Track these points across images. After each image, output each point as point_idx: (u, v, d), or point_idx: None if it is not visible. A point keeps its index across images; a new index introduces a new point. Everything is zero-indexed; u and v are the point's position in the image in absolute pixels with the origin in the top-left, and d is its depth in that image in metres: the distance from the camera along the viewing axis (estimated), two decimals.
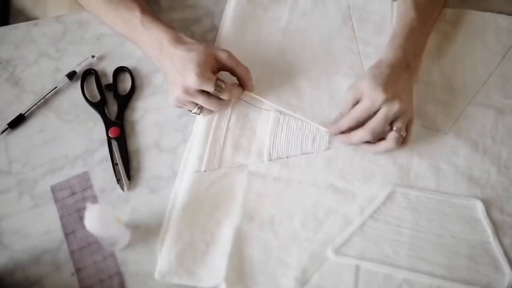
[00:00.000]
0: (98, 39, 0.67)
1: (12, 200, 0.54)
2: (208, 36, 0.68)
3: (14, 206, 0.53)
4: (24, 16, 0.77)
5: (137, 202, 0.54)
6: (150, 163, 0.57)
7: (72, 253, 0.51)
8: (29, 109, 0.59)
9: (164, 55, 0.55)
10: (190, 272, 0.50)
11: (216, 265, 0.50)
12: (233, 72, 0.57)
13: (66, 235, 0.52)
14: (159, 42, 0.56)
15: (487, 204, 0.53)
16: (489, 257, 0.50)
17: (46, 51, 0.65)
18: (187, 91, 0.53)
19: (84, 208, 0.52)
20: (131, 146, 0.58)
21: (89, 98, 0.61)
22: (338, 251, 0.51)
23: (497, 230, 0.52)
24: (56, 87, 0.61)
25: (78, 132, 0.59)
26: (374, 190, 0.55)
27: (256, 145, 0.58)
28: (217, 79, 0.54)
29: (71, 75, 0.62)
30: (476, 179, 0.55)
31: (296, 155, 0.57)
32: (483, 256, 0.50)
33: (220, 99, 0.56)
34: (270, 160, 0.57)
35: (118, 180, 0.55)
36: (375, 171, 0.56)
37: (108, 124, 0.59)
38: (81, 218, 0.52)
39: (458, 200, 0.54)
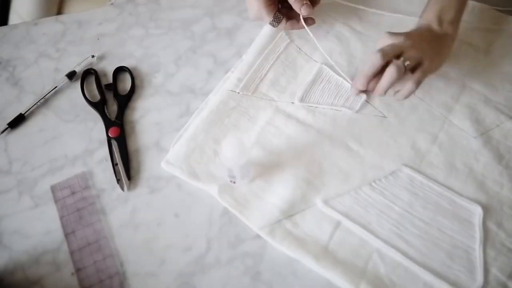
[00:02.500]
0: (98, 39, 0.67)
1: (12, 200, 0.54)
2: (208, 36, 0.68)
3: (14, 206, 0.53)
4: None
5: (137, 202, 0.54)
6: (150, 163, 0.57)
7: (72, 253, 0.51)
8: (29, 109, 0.59)
9: None
10: (192, 171, 0.55)
11: (216, 173, 0.55)
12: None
13: (66, 235, 0.52)
14: None
15: (486, 213, 0.53)
16: (467, 261, 0.50)
17: (46, 51, 0.65)
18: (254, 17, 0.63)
19: (83, 208, 0.53)
20: (131, 146, 0.58)
21: (89, 98, 0.61)
22: (326, 202, 0.53)
23: (486, 240, 0.52)
24: (56, 87, 0.61)
25: (78, 132, 0.59)
26: (383, 163, 0.57)
27: (292, 88, 0.62)
28: (277, 11, 0.60)
29: (71, 75, 0.62)
30: (487, 188, 0.55)
31: (325, 107, 0.60)
32: (462, 258, 0.51)
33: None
34: (301, 102, 0.60)
35: (118, 180, 0.55)
36: (392, 146, 0.58)
37: (108, 124, 0.59)
38: (81, 218, 0.52)
39: (460, 200, 0.54)
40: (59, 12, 0.85)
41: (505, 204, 0.54)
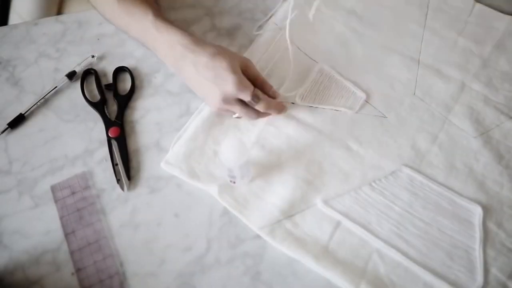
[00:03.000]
0: (98, 39, 0.67)
1: (12, 200, 0.54)
2: (208, 36, 0.68)
3: (14, 206, 0.53)
4: None
5: (137, 202, 0.54)
6: (150, 163, 0.57)
7: (72, 253, 0.51)
8: (29, 109, 0.59)
9: (182, 62, 0.53)
10: (192, 171, 0.55)
11: (216, 173, 0.55)
12: (255, 81, 0.55)
13: (66, 235, 0.52)
14: (172, 47, 0.53)
15: (486, 213, 0.53)
16: (467, 261, 0.50)
17: (46, 51, 0.65)
18: (226, 100, 0.52)
19: (83, 208, 0.53)
20: (131, 146, 0.58)
21: (89, 98, 0.61)
22: (326, 202, 0.54)
23: (486, 240, 0.52)
24: (56, 87, 0.61)
25: (78, 132, 0.59)
26: (383, 163, 0.57)
27: (292, 88, 0.61)
28: (254, 88, 0.52)
29: (71, 75, 0.62)
30: (487, 188, 0.55)
31: (325, 107, 0.60)
32: (462, 258, 0.51)
33: (256, 110, 0.54)
34: (302, 102, 0.60)
35: (118, 180, 0.55)
36: (392, 146, 0.58)
37: (108, 124, 0.59)
38: (81, 218, 0.52)
39: (460, 200, 0.54)
40: (59, 12, 0.85)
41: (505, 204, 0.54)
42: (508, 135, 0.59)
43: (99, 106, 0.60)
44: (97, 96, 0.61)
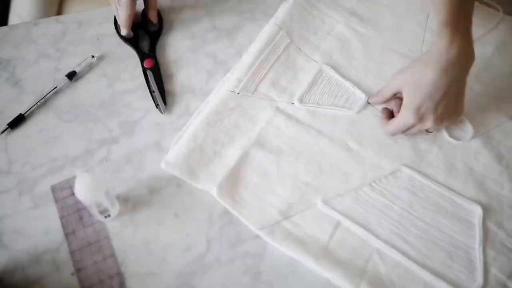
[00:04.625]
0: (98, 39, 0.67)
1: (12, 200, 0.54)
2: (208, 36, 0.68)
3: (14, 206, 0.53)
4: None
5: (137, 202, 0.54)
6: (150, 163, 0.57)
7: (72, 253, 0.51)
8: (29, 109, 0.59)
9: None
10: (191, 171, 0.55)
11: (216, 173, 0.55)
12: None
13: (66, 235, 0.52)
14: None
15: (486, 213, 0.53)
16: (467, 261, 0.50)
17: (46, 51, 0.65)
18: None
19: (84, 208, 0.53)
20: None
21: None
22: (327, 202, 0.54)
23: (486, 240, 0.52)
24: (56, 87, 0.61)
25: (78, 132, 0.59)
26: (383, 163, 0.57)
27: (292, 88, 0.62)
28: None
29: (71, 75, 0.62)
30: (487, 188, 0.55)
31: (325, 108, 0.60)
32: (462, 258, 0.51)
33: None
34: (301, 102, 0.60)
35: (157, 106, 0.60)
36: (391, 146, 0.58)
37: (142, 56, 0.64)
38: (81, 218, 0.53)
39: (460, 200, 0.54)
40: (59, 12, 0.85)
41: (505, 204, 0.54)
42: (508, 135, 0.59)
43: (133, 41, 0.66)
44: (130, 34, 0.66)
